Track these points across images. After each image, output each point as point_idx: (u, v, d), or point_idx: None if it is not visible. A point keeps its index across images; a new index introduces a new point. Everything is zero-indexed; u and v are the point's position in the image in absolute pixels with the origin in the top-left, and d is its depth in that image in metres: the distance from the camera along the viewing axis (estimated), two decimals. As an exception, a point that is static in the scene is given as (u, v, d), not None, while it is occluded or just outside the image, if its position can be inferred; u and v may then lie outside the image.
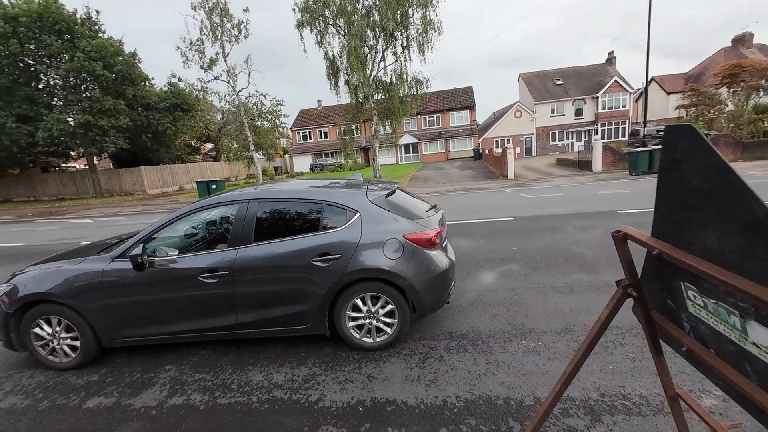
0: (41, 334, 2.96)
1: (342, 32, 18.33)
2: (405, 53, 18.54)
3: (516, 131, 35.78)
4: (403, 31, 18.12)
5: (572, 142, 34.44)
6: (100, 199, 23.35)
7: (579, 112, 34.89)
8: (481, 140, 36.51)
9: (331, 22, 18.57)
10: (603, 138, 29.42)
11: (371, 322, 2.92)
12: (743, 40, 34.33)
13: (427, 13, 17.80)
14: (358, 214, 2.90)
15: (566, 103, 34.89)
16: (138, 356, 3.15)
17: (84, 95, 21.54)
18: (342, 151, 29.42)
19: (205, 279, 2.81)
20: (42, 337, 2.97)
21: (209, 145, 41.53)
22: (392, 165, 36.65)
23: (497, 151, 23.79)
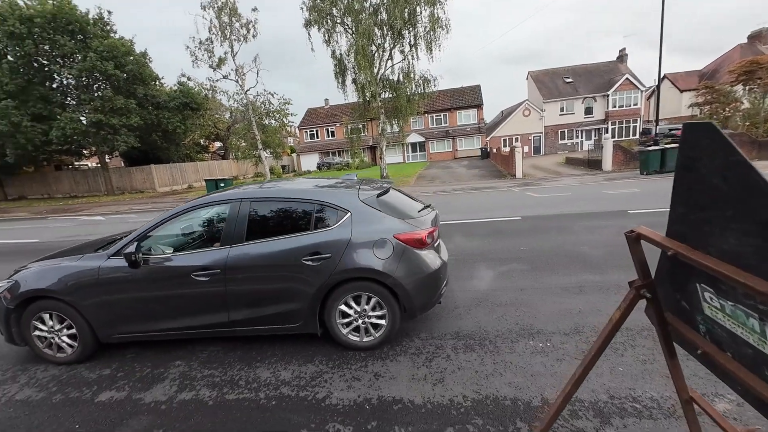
0: (41, 329, 3.02)
1: (349, 31, 18.36)
2: (412, 51, 18.51)
3: (524, 130, 35.38)
4: (411, 29, 18.08)
5: (582, 141, 33.98)
6: (112, 197, 23.79)
7: (589, 111, 34.32)
8: (489, 139, 36.22)
9: (339, 21, 18.60)
10: (613, 137, 29.00)
11: (361, 322, 2.93)
12: (760, 37, 33.39)
13: (435, 11, 17.73)
14: (349, 214, 2.90)
15: (576, 102, 34.36)
16: (148, 351, 3.20)
17: (96, 94, 21.93)
18: (349, 150, 29.44)
19: (198, 277, 2.84)
20: (42, 332, 3.03)
21: (218, 144, 41.95)
22: (399, 164, 36.58)
23: (505, 150, 23.59)
